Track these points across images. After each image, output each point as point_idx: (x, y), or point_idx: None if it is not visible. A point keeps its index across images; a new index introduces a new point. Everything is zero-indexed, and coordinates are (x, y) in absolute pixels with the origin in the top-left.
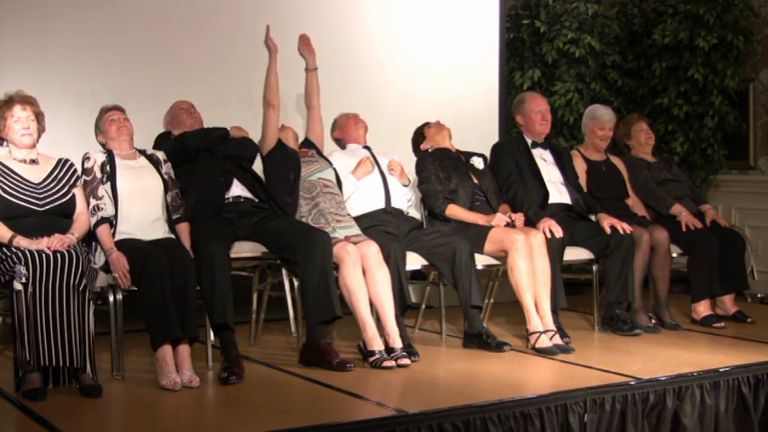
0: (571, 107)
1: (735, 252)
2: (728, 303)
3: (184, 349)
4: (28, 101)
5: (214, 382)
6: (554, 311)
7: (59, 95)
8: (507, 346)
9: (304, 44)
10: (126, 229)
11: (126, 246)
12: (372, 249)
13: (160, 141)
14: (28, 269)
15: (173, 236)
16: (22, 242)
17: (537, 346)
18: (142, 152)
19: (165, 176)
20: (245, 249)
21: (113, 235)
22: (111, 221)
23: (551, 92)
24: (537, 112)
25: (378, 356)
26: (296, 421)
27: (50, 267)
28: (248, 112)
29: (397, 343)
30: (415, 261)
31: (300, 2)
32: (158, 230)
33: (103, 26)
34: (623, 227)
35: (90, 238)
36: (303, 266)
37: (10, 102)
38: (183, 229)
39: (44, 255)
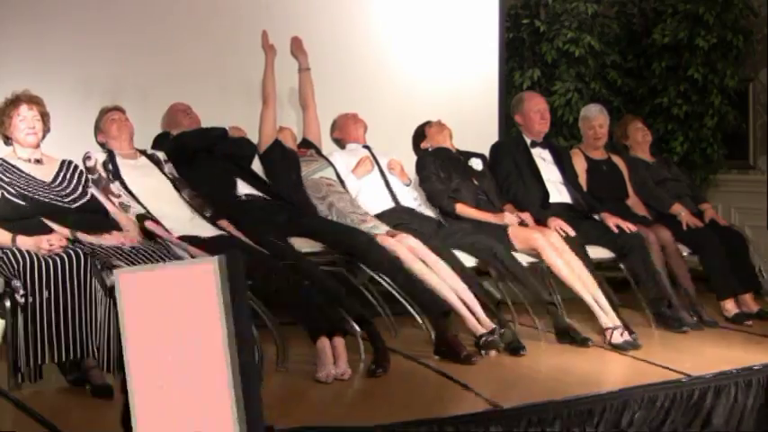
0: (571, 107)
1: (741, 251)
2: (750, 302)
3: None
4: (34, 100)
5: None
6: None
7: (60, 95)
8: (590, 341)
9: (297, 47)
10: (174, 227)
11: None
12: (417, 242)
13: (159, 142)
14: (27, 277)
15: (224, 233)
16: (24, 242)
17: (612, 341)
18: (142, 152)
19: (170, 176)
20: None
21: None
22: (152, 218)
23: (551, 91)
24: (536, 111)
25: (487, 337)
26: (293, 421)
27: (51, 272)
28: (250, 111)
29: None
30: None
31: (301, 1)
32: (205, 228)
33: (104, 26)
34: (628, 226)
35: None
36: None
37: (17, 101)
38: (227, 225)
39: (43, 261)
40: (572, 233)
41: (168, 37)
